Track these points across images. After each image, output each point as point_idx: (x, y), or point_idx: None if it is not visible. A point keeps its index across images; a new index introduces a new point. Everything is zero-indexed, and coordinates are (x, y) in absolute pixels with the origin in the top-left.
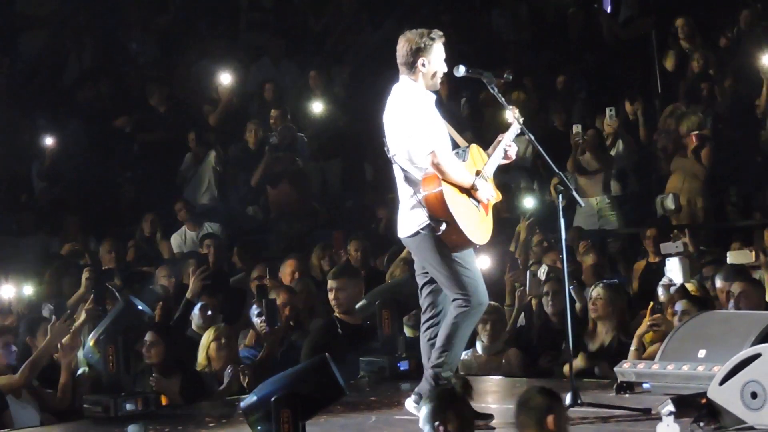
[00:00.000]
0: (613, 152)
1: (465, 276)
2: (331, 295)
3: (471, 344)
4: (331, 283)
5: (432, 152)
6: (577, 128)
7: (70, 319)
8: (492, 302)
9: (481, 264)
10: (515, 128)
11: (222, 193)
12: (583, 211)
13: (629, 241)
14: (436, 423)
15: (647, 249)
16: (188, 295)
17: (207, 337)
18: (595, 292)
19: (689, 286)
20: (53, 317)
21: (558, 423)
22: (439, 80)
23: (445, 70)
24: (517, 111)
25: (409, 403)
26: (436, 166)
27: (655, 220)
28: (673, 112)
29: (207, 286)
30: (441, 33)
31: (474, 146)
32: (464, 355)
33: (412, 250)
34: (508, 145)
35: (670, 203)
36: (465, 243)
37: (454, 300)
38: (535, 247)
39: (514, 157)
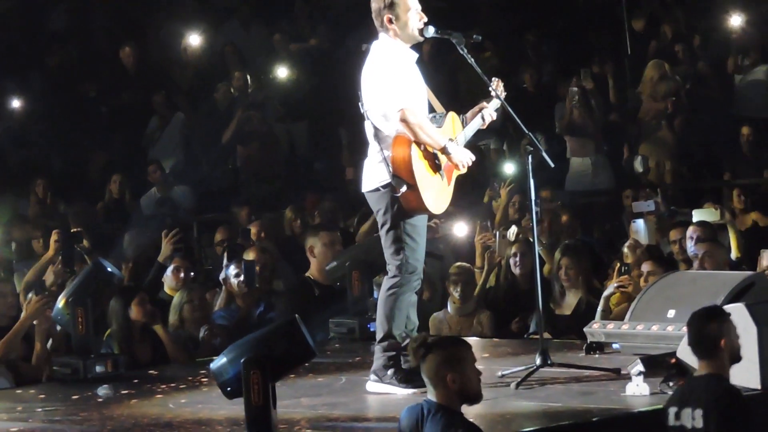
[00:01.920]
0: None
1: (407, 244)
2: (308, 254)
3: (442, 305)
4: (310, 241)
5: (401, 109)
6: (572, 90)
7: (49, 297)
8: (462, 263)
9: (458, 231)
10: (496, 102)
11: (190, 155)
12: (576, 172)
13: (607, 202)
14: (448, 377)
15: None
16: (160, 258)
17: (179, 299)
18: (560, 258)
19: (673, 234)
20: (31, 294)
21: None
22: (416, 32)
23: (422, 19)
24: (501, 84)
25: (371, 385)
26: (405, 123)
27: (630, 180)
28: (654, 70)
29: (179, 248)
30: None
31: (452, 114)
32: (436, 315)
33: (371, 205)
34: (491, 114)
35: (638, 165)
36: (422, 209)
37: (388, 266)
38: (511, 209)
39: (488, 122)
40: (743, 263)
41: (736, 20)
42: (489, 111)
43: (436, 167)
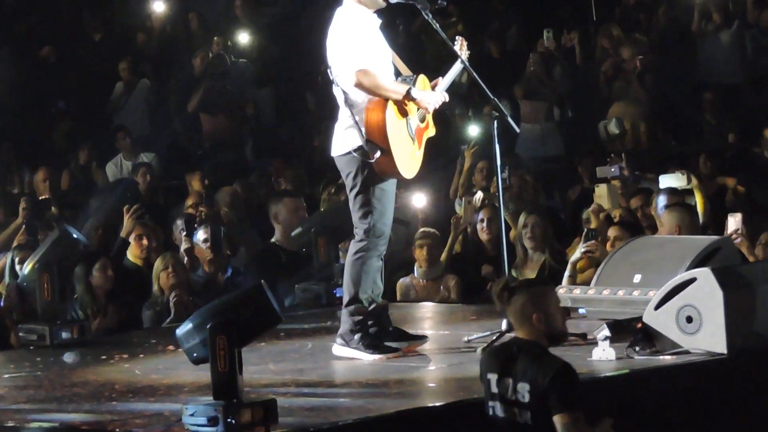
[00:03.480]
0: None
1: (375, 208)
2: (273, 220)
3: (409, 270)
4: (274, 208)
5: (355, 71)
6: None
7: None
8: (428, 229)
9: (417, 202)
10: (459, 65)
11: (155, 122)
12: (528, 137)
13: (569, 168)
14: (534, 316)
15: (582, 175)
16: (123, 234)
17: (157, 267)
18: (525, 219)
19: (634, 202)
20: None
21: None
22: None
23: None
24: (465, 44)
25: (337, 348)
26: (359, 86)
27: (593, 145)
28: (612, 36)
29: (141, 216)
30: None
31: (422, 76)
32: (403, 280)
33: (340, 169)
34: (458, 75)
35: (614, 128)
36: (394, 174)
37: (355, 229)
38: (477, 175)
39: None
40: (709, 228)
41: None
42: (453, 73)
43: (408, 131)
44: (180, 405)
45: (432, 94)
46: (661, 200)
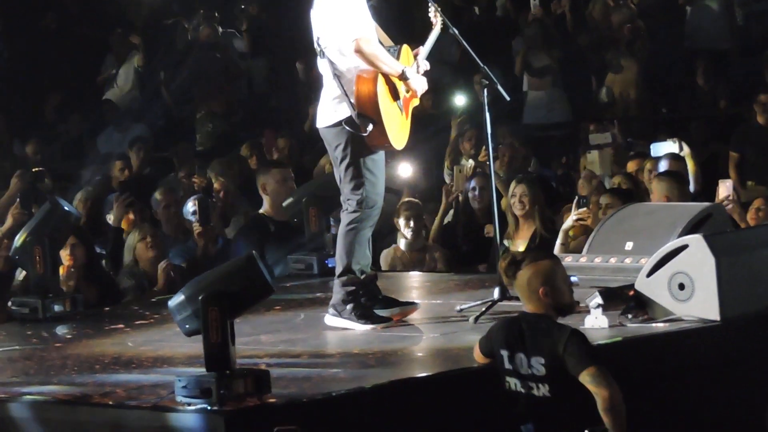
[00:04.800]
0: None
1: (367, 179)
2: (262, 191)
3: (393, 241)
4: (262, 179)
5: (356, 39)
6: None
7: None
8: (411, 199)
9: (403, 172)
10: (438, 29)
11: (146, 93)
12: (532, 105)
13: (565, 135)
14: (541, 289)
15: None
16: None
17: (133, 238)
18: (515, 187)
19: (615, 180)
20: None
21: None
22: None
23: None
24: (438, 9)
25: (329, 318)
26: (360, 53)
27: (590, 113)
28: (602, 3)
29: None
30: None
31: (405, 46)
32: (387, 251)
33: (327, 141)
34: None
35: (603, 96)
36: (385, 145)
37: (347, 201)
38: (466, 144)
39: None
40: (701, 195)
41: None
42: (431, 40)
43: (397, 102)
44: (172, 377)
45: (421, 79)
46: (661, 166)
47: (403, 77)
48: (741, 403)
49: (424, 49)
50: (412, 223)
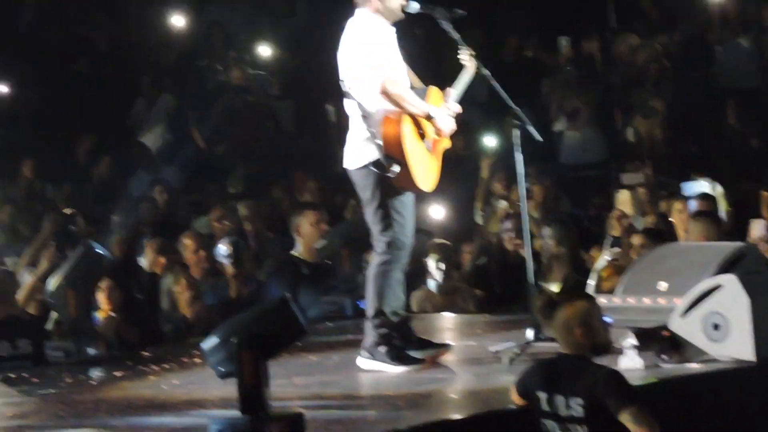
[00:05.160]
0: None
1: (396, 221)
2: (295, 233)
3: (424, 282)
4: (296, 220)
5: (382, 81)
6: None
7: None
8: (440, 240)
9: (435, 213)
10: (470, 71)
11: (177, 135)
12: (566, 144)
13: (599, 175)
14: (577, 330)
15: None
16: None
17: (168, 282)
18: (546, 229)
19: (647, 219)
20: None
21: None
22: (396, 5)
23: None
24: (471, 53)
25: (362, 361)
26: (385, 95)
27: (621, 152)
28: (627, 42)
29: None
30: None
31: (433, 88)
32: (417, 293)
33: (356, 182)
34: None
35: (630, 136)
36: (412, 187)
37: (376, 242)
38: (497, 185)
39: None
40: (733, 234)
41: None
42: (463, 81)
43: (425, 143)
44: (207, 420)
45: (448, 119)
46: (691, 206)
47: (428, 117)
48: None
49: (455, 91)
50: (442, 265)
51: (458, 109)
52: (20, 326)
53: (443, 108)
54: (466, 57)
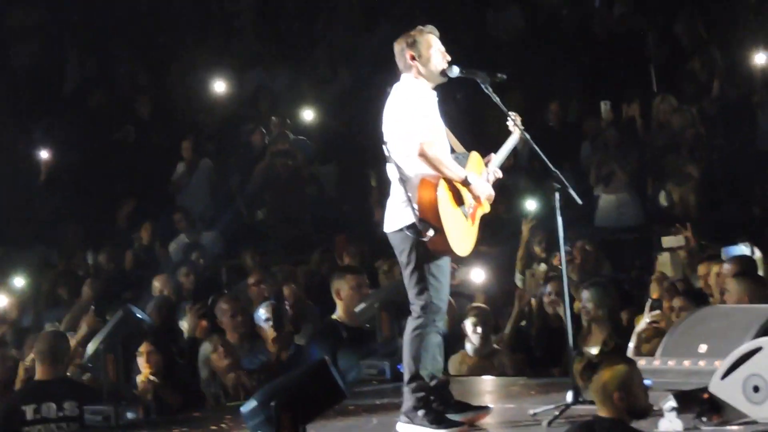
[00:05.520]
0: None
1: (431, 284)
2: (336, 296)
3: (461, 347)
4: (337, 284)
5: (420, 143)
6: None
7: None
8: (479, 304)
9: (476, 277)
10: (516, 136)
11: (218, 200)
12: (605, 208)
13: (637, 238)
14: (616, 394)
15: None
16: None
17: (206, 349)
18: (584, 293)
19: (702, 269)
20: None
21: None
22: (439, 70)
23: (446, 58)
24: (518, 119)
25: (401, 426)
26: (423, 157)
27: (659, 216)
28: (664, 104)
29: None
30: (431, 26)
31: (474, 153)
32: (455, 356)
33: (394, 245)
34: (515, 147)
35: (663, 200)
36: (447, 252)
37: (412, 306)
38: (537, 248)
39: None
40: None
41: (761, 57)
42: (506, 150)
43: (461, 208)
44: None
45: (486, 186)
46: (727, 268)
47: (465, 183)
48: None
49: (498, 157)
50: (479, 329)
51: (499, 174)
52: (68, 388)
53: (484, 173)
54: (512, 123)
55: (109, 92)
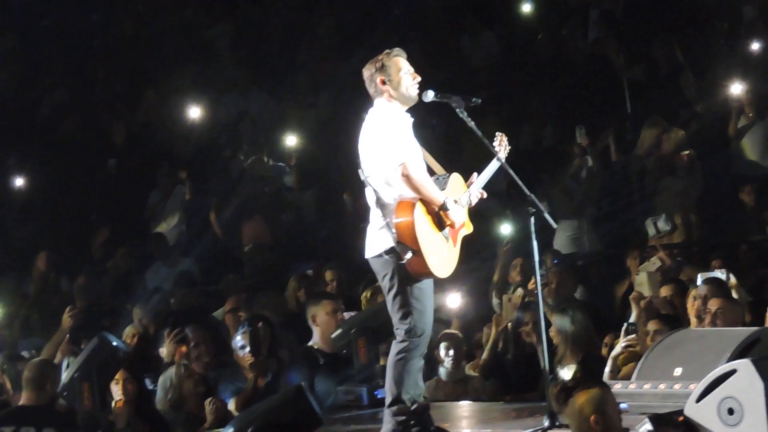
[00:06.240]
0: (583, 173)
1: (414, 308)
2: (312, 323)
3: (434, 372)
4: (313, 310)
5: (402, 164)
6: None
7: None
8: (450, 330)
9: (452, 302)
10: (502, 156)
11: (193, 227)
12: (564, 234)
13: (608, 264)
14: (592, 417)
15: (630, 270)
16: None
17: (177, 375)
18: (556, 319)
19: (664, 291)
20: None
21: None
22: (410, 92)
23: (416, 79)
24: (505, 139)
25: None
26: (406, 178)
27: (637, 240)
28: (655, 127)
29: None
30: (398, 49)
31: (455, 175)
32: (429, 382)
33: (376, 270)
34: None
35: (663, 224)
36: (427, 274)
37: (396, 330)
38: (513, 272)
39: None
40: (751, 320)
41: (737, 88)
42: (491, 170)
43: (441, 230)
44: None
45: (462, 212)
46: (704, 289)
47: (443, 208)
48: None
49: (481, 178)
50: (451, 353)
51: (483, 195)
52: (50, 415)
53: (465, 195)
54: (499, 144)
55: (83, 119)
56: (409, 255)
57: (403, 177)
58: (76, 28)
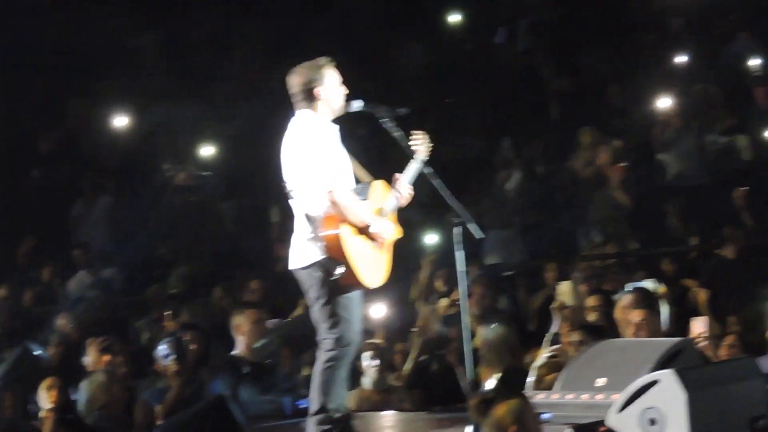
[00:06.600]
0: (508, 185)
1: (342, 318)
2: (236, 332)
3: (357, 382)
4: (237, 319)
5: (330, 191)
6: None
7: None
8: (373, 340)
9: (377, 313)
10: (421, 157)
11: (117, 236)
12: (491, 244)
13: (534, 274)
14: (510, 428)
15: (548, 281)
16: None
17: (104, 381)
18: (481, 329)
19: (591, 301)
20: None
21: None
22: (339, 103)
23: (344, 92)
24: (426, 138)
25: None
26: (334, 204)
27: (566, 251)
28: (591, 139)
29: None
30: (329, 58)
31: (377, 183)
32: (353, 392)
33: (301, 282)
34: (409, 181)
35: (597, 236)
36: (358, 285)
37: (323, 340)
38: (437, 282)
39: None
40: (676, 333)
41: (664, 102)
42: (411, 173)
43: (369, 240)
44: None
45: (389, 226)
46: (625, 300)
47: (368, 230)
48: None
49: (405, 177)
50: (375, 363)
51: (410, 191)
52: None
53: (391, 197)
54: (418, 142)
55: (9, 128)
56: (339, 270)
57: (331, 202)
58: (2, 36)
